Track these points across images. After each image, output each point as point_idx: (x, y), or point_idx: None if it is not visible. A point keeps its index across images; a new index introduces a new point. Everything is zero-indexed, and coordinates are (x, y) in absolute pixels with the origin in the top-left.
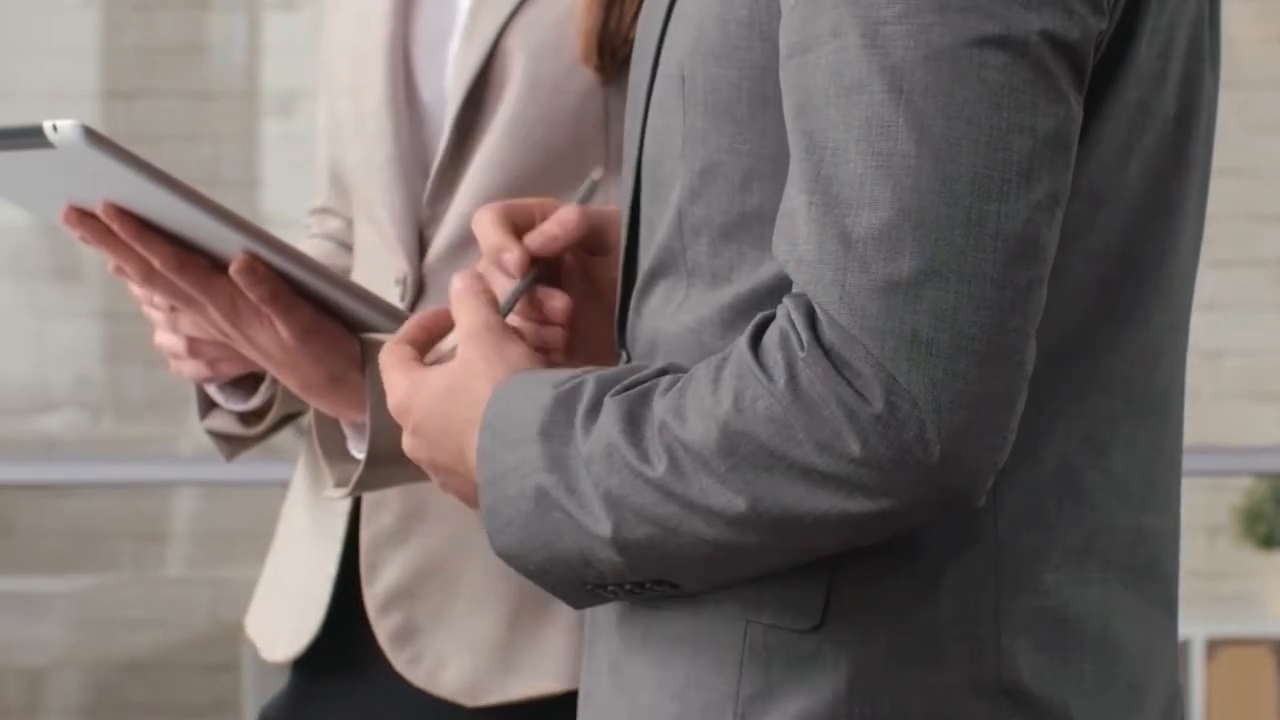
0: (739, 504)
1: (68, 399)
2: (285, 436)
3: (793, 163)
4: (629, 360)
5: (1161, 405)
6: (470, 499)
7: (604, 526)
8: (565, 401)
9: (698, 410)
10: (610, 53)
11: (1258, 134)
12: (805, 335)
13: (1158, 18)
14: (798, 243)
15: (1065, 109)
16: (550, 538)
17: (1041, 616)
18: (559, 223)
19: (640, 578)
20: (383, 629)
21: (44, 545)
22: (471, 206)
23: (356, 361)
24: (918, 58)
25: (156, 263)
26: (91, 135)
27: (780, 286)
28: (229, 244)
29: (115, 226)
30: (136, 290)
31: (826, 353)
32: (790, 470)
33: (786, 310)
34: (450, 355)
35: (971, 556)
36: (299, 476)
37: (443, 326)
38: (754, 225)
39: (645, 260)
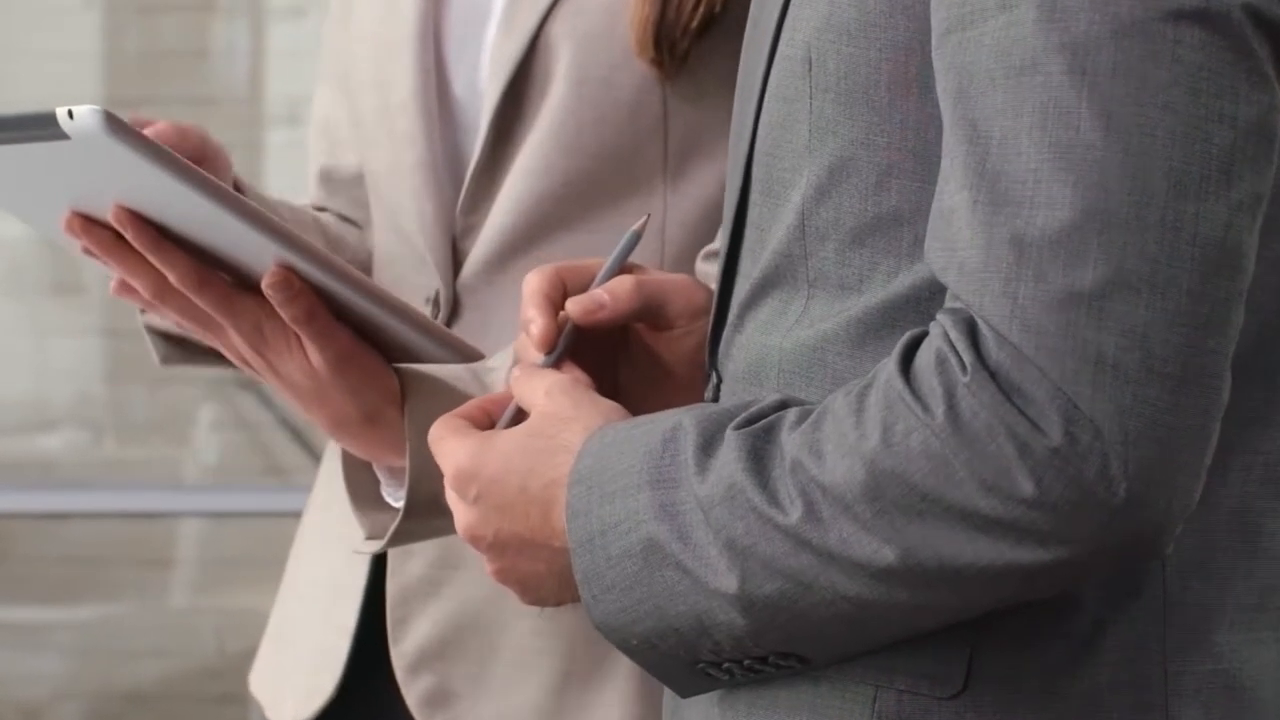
0: (886, 555)
1: (68, 418)
2: (294, 459)
3: (949, 155)
4: (718, 382)
5: None
6: (543, 584)
7: (727, 581)
8: (674, 443)
9: (838, 447)
10: (669, 45)
11: None
12: (967, 357)
13: None
14: (958, 247)
15: (1270, 95)
16: (661, 601)
17: (1213, 681)
18: (610, 291)
19: (764, 649)
20: (412, 693)
21: (43, 573)
22: (511, 216)
23: (395, 397)
24: (1103, 33)
25: (173, 277)
26: (113, 123)
27: (918, 298)
28: (261, 255)
29: (129, 234)
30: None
31: (993, 376)
32: (948, 515)
33: (942, 327)
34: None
35: (1136, 613)
36: (311, 515)
37: (504, 404)
38: (890, 229)
39: (753, 269)
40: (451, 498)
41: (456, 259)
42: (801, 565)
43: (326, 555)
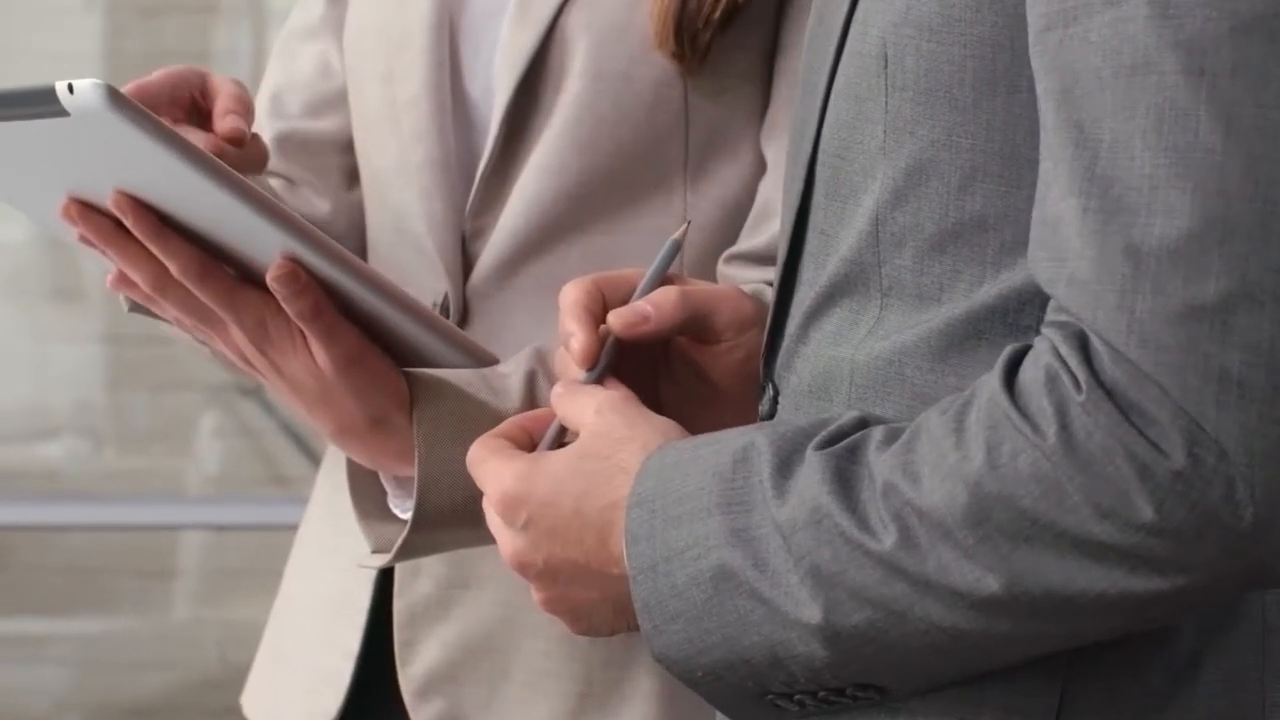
0: (990, 583)
1: (68, 426)
2: (297, 467)
3: (1052, 159)
4: (775, 395)
5: None
6: (597, 613)
7: (809, 610)
8: (745, 462)
9: (936, 469)
10: (690, 37)
11: None
12: (1081, 373)
13: None
14: (1066, 257)
15: None
16: (732, 631)
17: None
18: (654, 303)
19: (843, 680)
20: (421, 717)
21: (43, 583)
22: (524, 217)
23: (403, 401)
24: (1221, 30)
25: (174, 268)
26: (116, 98)
27: (1006, 309)
28: (267, 246)
29: (129, 221)
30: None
31: (1109, 394)
32: (1059, 541)
33: (1050, 342)
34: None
35: (1234, 642)
36: (310, 527)
37: (545, 422)
38: (973, 235)
39: (818, 276)
40: (496, 524)
41: (466, 262)
42: (894, 594)
43: (327, 570)
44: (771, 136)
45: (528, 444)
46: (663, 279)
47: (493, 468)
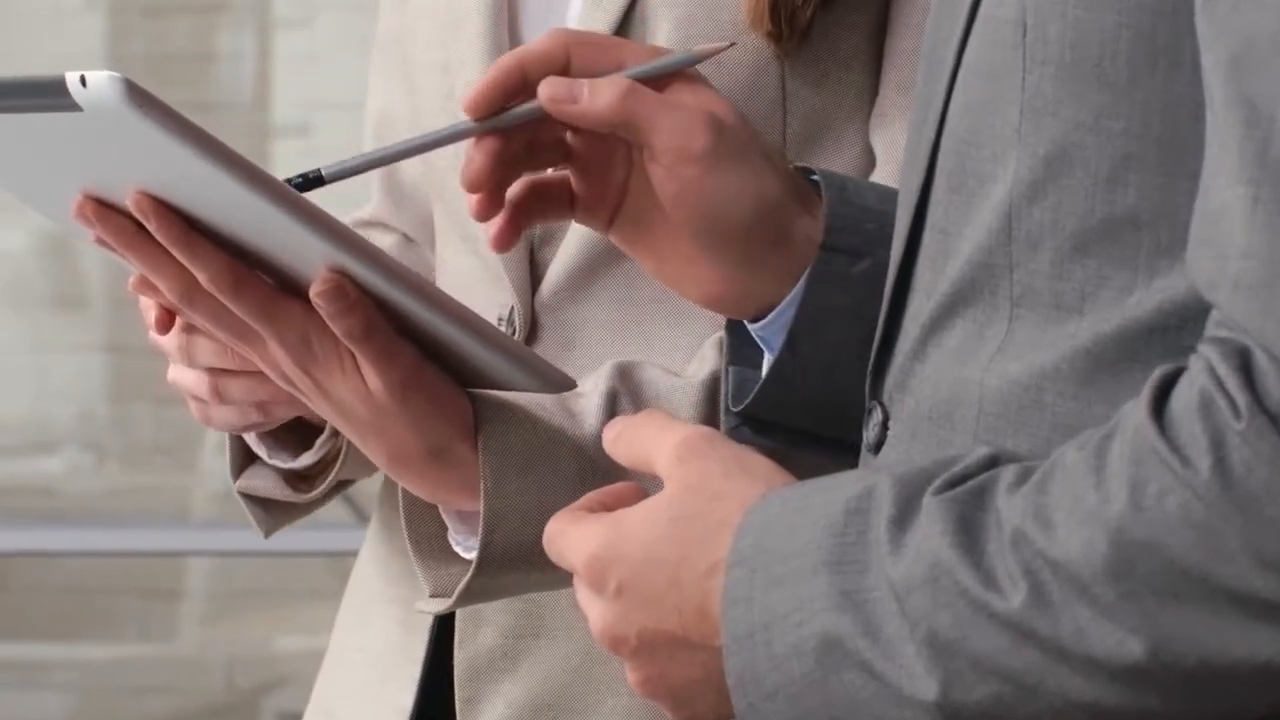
0: (1133, 648)
1: (69, 440)
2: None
3: (1218, 142)
4: (885, 421)
5: None
6: (701, 697)
7: (925, 685)
8: (859, 513)
9: (1072, 513)
10: (788, 14)
11: None
12: (1241, 397)
13: None
14: (1230, 256)
15: None
16: (839, 711)
17: None
18: (595, 87)
19: None
20: None
21: (43, 605)
22: None
23: (467, 428)
24: None
25: (204, 278)
26: (135, 93)
27: (1166, 325)
28: (310, 256)
29: (152, 226)
30: (148, 315)
31: (1275, 421)
32: (1214, 598)
33: (1207, 360)
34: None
35: None
36: (362, 569)
37: (629, 501)
38: (1123, 234)
39: (938, 282)
40: (584, 596)
41: (534, 271)
42: (1024, 664)
43: (380, 618)
44: (880, 126)
45: None
46: (666, 77)
47: (574, 536)
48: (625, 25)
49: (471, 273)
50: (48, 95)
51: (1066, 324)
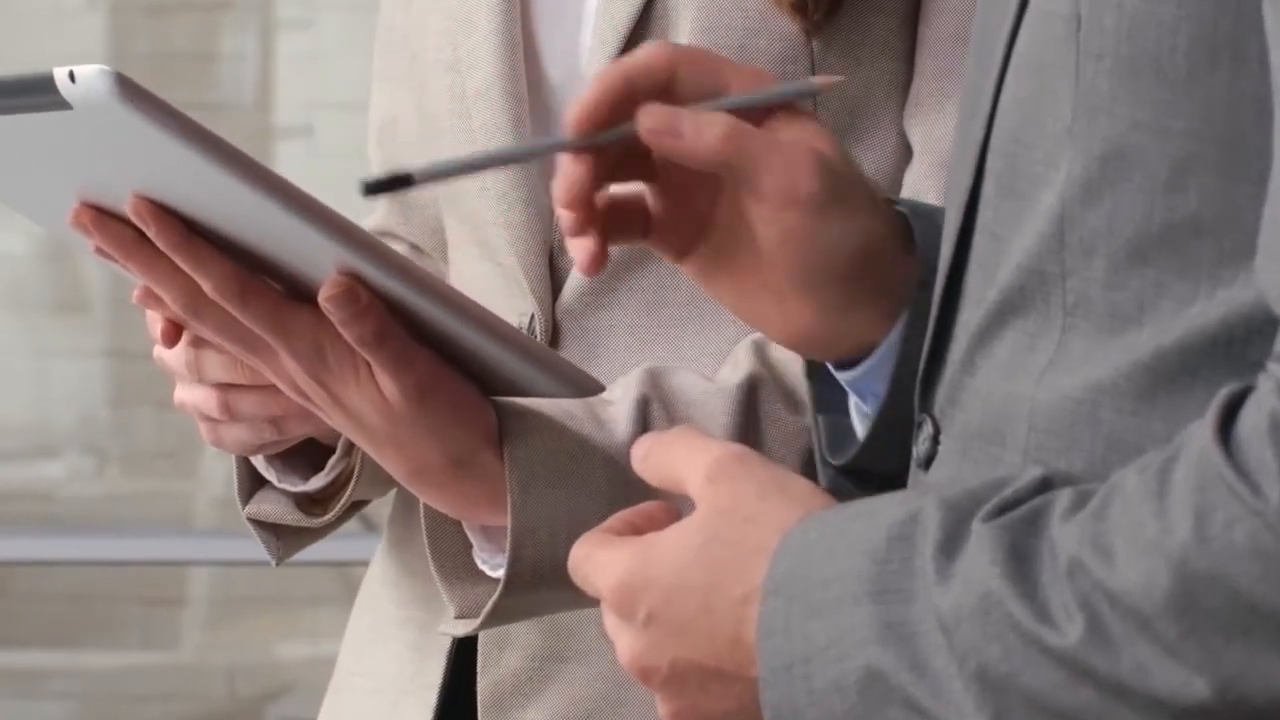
0: (1198, 688)
1: (70, 444)
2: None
3: None
4: (936, 435)
5: None
6: None
7: None
8: (904, 539)
9: (1133, 542)
10: None
11: None
12: None
13: None
14: None
15: None
16: None
17: None
18: (699, 124)
19: None
20: None
21: (43, 612)
22: None
23: (491, 437)
24: None
25: (209, 286)
26: (127, 88)
27: (1231, 338)
28: (319, 259)
29: (151, 231)
30: (154, 328)
31: None
32: None
33: (1277, 380)
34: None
35: None
36: (369, 590)
37: (661, 522)
38: (1184, 240)
39: (987, 289)
40: (612, 624)
41: (555, 277)
42: (1080, 702)
43: (392, 641)
44: (916, 115)
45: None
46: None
47: (601, 560)
48: (646, 17)
49: (488, 280)
50: (36, 93)
51: (1123, 336)
